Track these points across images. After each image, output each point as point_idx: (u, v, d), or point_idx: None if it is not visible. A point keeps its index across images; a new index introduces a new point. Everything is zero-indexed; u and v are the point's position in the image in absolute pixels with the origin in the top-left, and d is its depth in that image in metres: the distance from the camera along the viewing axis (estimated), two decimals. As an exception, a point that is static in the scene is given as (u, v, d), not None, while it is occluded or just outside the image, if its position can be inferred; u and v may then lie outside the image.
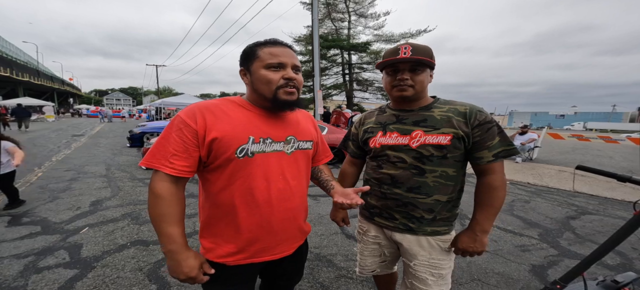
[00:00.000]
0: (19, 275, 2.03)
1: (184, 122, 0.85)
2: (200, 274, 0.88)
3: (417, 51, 0.99)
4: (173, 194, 0.84)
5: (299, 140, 1.00)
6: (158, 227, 0.84)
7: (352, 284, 2.02)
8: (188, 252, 0.87)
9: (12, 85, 30.06)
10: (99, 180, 4.69)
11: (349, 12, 18.97)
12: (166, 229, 0.83)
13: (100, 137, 11.43)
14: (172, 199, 0.84)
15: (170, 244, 0.84)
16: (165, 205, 0.83)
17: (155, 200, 0.83)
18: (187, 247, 0.88)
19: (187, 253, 0.86)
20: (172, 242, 0.84)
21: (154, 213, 0.84)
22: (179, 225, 0.86)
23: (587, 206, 3.96)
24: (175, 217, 0.85)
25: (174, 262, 0.85)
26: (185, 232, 0.89)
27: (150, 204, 0.84)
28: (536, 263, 2.38)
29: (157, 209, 0.83)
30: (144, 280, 2.01)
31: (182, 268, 0.84)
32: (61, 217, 3.12)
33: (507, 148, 1.00)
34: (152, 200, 0.84)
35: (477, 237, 1.02)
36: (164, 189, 0.83)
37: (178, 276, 0.85)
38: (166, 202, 0.83)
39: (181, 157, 0.84)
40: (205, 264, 0.91)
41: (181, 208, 0.87)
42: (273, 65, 0.88)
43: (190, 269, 0.85)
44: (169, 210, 0.84)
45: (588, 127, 46.74)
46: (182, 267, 0.84)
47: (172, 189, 0.84)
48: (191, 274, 0.85)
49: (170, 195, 0.84)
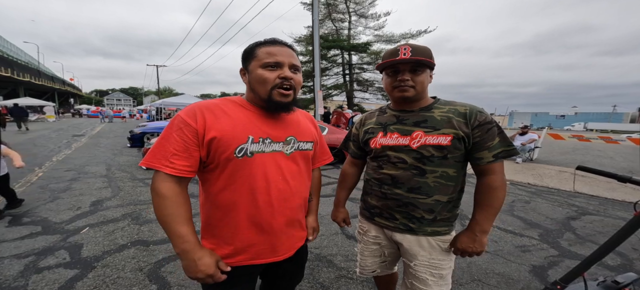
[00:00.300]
0: (19, 275, 2.03)
1: (184, 121, 0.84)
2: (217, 272, 0.86)
3: (417, 52, 0.99)
4: (177, 193, 0.83)
5: (299, 140, 0.99)
6: (168, 228, 0.82)
7: (352, 284, 2.02)
8: (202, 251, 0.85)
9: (13, 85, 30.07)
10: (99, 181, 4.69)
11: (350, 12, 18.99)
12: (176, 229, 0.82)
13: (100, 137, 11.44)
14: (178, 198, 0.83)
15: (183, 244, 0.82)
16: (171, 206, 0.82)
17: (160, 201, 0.82)
18: (200, 245, 0.86)
19: (201, 251, 0.84)
20: (184, 241, 0.82)
21: (161, 214, 0.82)
22: (189, 224, 0.84)
23: (588, 207, 3.96)
24: (184, 216, 0.83)
25: (190, 262, 0.83)
26: (195, 230, 0.87)
27: (155, 205, 0.83)
28: (536, 263, 2.38)
29: (164, 210, 0.81)
30: (144, 281, 2.01)
31: (198, 267, 0.82)
32: (62, 217, 3.12)
33: (507, 149, 1.00)
34: (157, 202, 0.82)
35: (477, 237, 1.02)
36: (168, 189, 0.82)
37: (196, 275, 0.83)
38: (172, 202, 0.82)
39: (182, 156, 0.83)
40: (221, 261, 0.89)
41: (188, 207, 0.86)
42: (270, 64, 0.88)
43: (207, 267, 0.83)
44: (176, 210, 0.82)
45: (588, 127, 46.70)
46: (198, 265, 0.82)
47: (175, 189, 0.83)
48: (209, 272, 0.83)
49: (175, 195, 0.82)
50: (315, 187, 1.21)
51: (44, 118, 23.09)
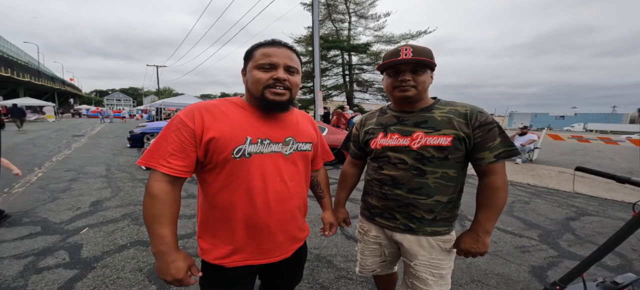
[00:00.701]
0: (18, 276, 2.03)
1: (182, 122, 0.85)
2: (187, 277, 0.86)
3: (418, 52, 1.00)
4: (169, 194, 0.84)
5: (297, 141, 1.00)
6: (150, 228, 0.83)
7: (351, 284, 2.02)
8: (177, 254, 0.85)
9: (13, 85, 30.08)
10: (99, 181, 4.69)
11: (350, 13, 19.02)
12: (158, 229, 0.83)
13: (100, 138, 11.43)
14: (168, 200, 0.84)
15: (160, 245, 0.83)
16: (159, 206, 0.83)
17: (150, 200, 0.83)
18: (177, 248, 0.86)
19: (176, 255, 0.85)
20: (162, 243, 0.83)
21: (148, 214, 0.83)
22: (171, 226, 0.85)
23: (587, 207, 3.96)
24: (169, 218, 0.84)
25: (162, 263, 0.83)
26: (177, 233, 0.88)
27: (145, 204, 0.84)
28: (536, 264, 2.38)
29: (152, 210, 0.83)
30: (143, 281, 2.01)
31: (169, 270, 0.83)
32: (61, 217, 3.12)
33: (509, 149, 1.00)
34: (147, 201, 0.84)
35: (480, 237, 1.02)
36: (160, 189, 0.83)
37: (165, 278, 0.84)
38: (161, 203, 0.83)
39: (179, 156, 0.84)
40: (194, 266, 0.90)
41: (175, 209, 0.87)
42: (264, 65, 0.89)
43: (178, 270, 0.84)
44: (164, 211, 0.83)
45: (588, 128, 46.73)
46: (170, 268, 0.83)
47: (168, 189, 0.84)
48: (178, 276, 0.84)
49: (166, 195, 0.84)
50: (325, 184, 1.26)
51: (43, 118, 23.06)
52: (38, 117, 22.93)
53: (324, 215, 1.25)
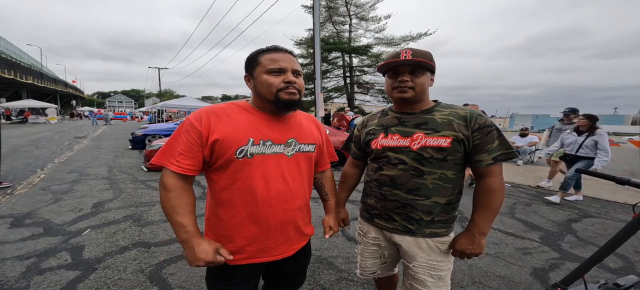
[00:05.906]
0: (21, 277, 2.04)
1: (191, 124, 0.91)
2: (216, 257, 0.91)
3: (417, 55, 1.01)
4: (181, 187, 0.90)
5: (300, 143, 1.02)
6: (171, 219, 0.90)
7: (352, 286, 2.02)
8: (201, 239, 0.91)
9: (16, 87, 30.26)
10: (101, 182, 4.71)
11: (350, 15, 19.09)
12: (177, 219, 0.89)
13: (102, 140, 11.48)
14: (180, 192, 0.90)
15: (183, 234, 0.89)
16: (174, 197, 0.89)
17: (165, 193, 0.89)
18: (200, 234, 0.92)
19: (200, 239, 0.91)
20: (184, 231, 0.89)
21: (166, 206, 0.90)
22: (190, 216, 0.91)
23: (589, 209, 3.94)
24: (185, 208, 0.90)
25: (189, 249, 0.90)
26: (196, 223, 0.93)
27: (161, 198, 0.91)
28: (537, 266, 2.37)
29: (169, 202, 0.89)
30: (145, 282, 2.01)
31: (196, 254, 0.88)
32: (63, 218, 3.13)
33: (506, 152, 1.01)
34: (163, 194, 0.90)
35: (475, 239, 1.03)
36: (172, 184, 0.89)
37: (196, 262, 0.89)
38: (175, 194, 0.89)
39: (187, 156, 0.89)
40: (222, 248, 0.94)
41: (190, 200, 0.93)
42: (274, 70, 0.93)
43: (205, 253, 0.89)
44: (179, 201, 0.89)
45: (589, 129, 46.46)
46: (197, 253, 0.89)
47: (179, 184, 0.90)
48: (207, 259, 0.89)
49: (178, 188, 0.90)
50: (330, 186, 1.27)
51: (46, 120, 23.20)
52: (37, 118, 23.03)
53: (324, 218, 1.27)
